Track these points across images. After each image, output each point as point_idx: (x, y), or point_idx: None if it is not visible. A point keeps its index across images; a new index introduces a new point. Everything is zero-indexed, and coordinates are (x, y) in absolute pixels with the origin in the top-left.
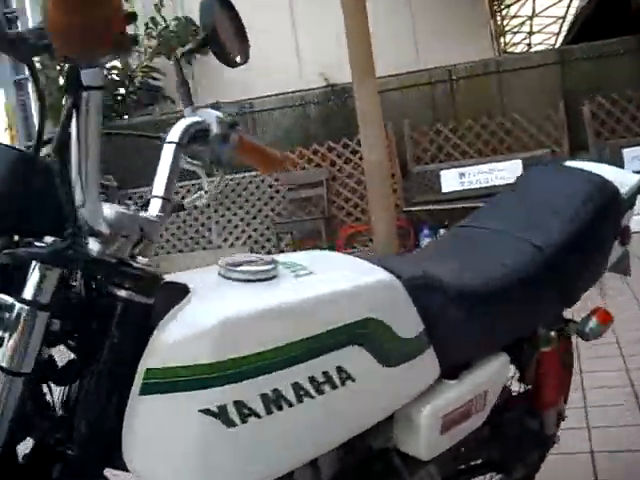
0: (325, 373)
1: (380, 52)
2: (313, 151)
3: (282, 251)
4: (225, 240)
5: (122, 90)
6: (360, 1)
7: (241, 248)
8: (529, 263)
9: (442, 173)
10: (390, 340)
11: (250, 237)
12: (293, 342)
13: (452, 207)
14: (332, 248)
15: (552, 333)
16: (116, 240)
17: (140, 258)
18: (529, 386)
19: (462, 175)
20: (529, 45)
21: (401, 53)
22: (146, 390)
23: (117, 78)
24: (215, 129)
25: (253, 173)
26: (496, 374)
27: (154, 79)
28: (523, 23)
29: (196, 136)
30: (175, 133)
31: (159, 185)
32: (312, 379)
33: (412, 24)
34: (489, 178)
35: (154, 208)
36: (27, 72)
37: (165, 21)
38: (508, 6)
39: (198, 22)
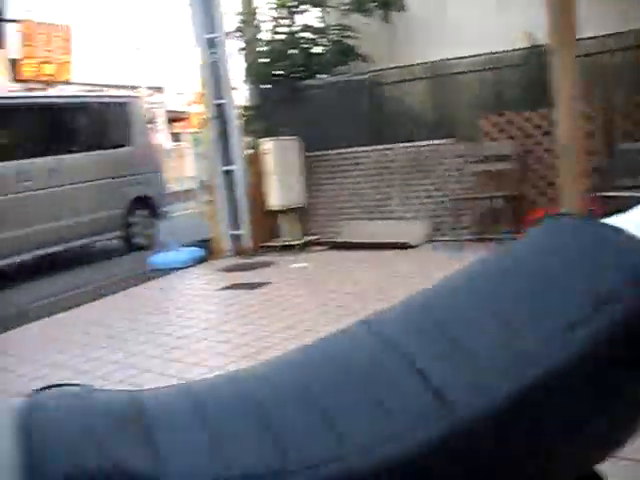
0: None
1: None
2: (507, 120)
3: (463, 228)
4: (407, 211)
5: (316, 49)
6: None
7: (422, 221)
8: (412, 431)
9: None
10: None
11: (433, 210)
12: None
13: None
14: (514, 232)
15: None
16: None
17: None
18: None
19: None
20: None
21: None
22: None
23: (312, 36)
24: None
25: (443, 141)
26: None
27: (348, 37)
28: None
29: None
30: None
31: None
32: None
33: None
34: None
35: None
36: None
37: None
38: None
39: None
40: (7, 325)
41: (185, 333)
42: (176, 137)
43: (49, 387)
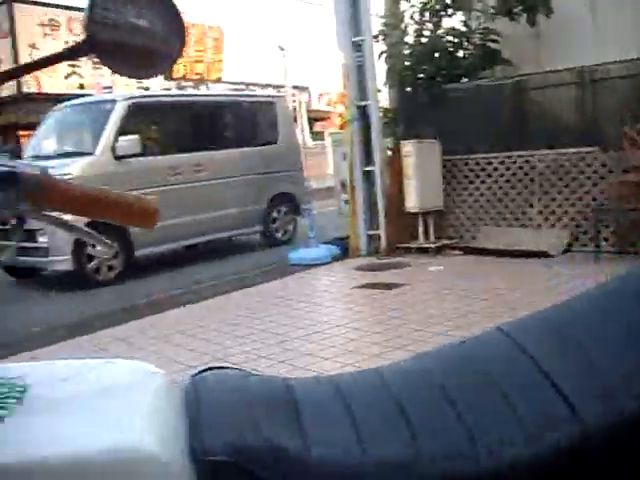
0: None
1: None
2: None
3: (604, 240)
4: (546, 219)
5: (460, 53)
6: None
7: (562, 230)
8: (540, 437)
9: None
10: None
11: (573, 220)
12: None
13: None
14: None
15: None
16: None
17: None
18: None
19: None
20: None
21: None
22: None
23: (455, 40)
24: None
25: (586, 149)
26: None
27: (493, 41)
28: None
29: None
30: None
31: None
32: None
33: None
34: None
35: None
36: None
37: None
38: None
39: None
40: (162, 308)
41: (319, 328)
42: (317, 136)
43: (210, 368)
